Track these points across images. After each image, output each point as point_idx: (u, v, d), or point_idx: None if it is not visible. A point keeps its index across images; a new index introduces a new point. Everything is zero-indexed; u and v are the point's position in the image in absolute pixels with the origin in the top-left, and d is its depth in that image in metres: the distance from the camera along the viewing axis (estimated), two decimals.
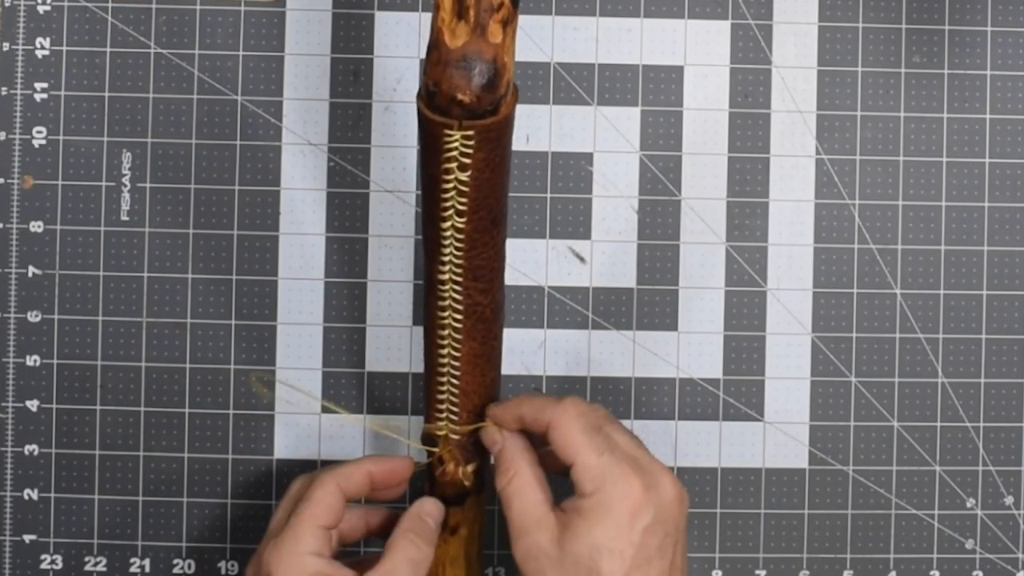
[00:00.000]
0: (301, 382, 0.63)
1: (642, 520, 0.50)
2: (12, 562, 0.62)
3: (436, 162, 0.49)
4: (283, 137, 0.63)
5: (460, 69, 0.47)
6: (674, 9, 0.64)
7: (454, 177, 0.49)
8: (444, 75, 0.47)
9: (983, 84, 0.64)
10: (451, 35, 0.47)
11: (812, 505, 0.63)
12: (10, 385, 0.63)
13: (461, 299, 0.52)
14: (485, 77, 0.47)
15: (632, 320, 0.63)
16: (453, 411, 0.55)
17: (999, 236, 0.64)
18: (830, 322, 0.64)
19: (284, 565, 0.51)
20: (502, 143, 0.49)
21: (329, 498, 0.53)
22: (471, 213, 0.50)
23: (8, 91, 0.63)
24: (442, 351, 0.54)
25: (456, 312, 0.53)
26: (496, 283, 0.53)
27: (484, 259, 0.52)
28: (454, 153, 0.49)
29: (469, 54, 0.47)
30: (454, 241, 0.51)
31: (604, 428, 0.52)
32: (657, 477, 0.52)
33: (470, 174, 0.49)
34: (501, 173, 0.50)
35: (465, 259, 0.51)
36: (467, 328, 0.53)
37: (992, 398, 0.64)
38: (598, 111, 0.64)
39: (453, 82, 0.47)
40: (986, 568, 0.64)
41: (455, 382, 0.54)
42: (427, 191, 0.50)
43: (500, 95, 0.47)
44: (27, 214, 0.63)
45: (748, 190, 0.64)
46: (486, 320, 0.53)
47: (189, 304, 0.63)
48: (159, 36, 0.63)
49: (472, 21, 0.46)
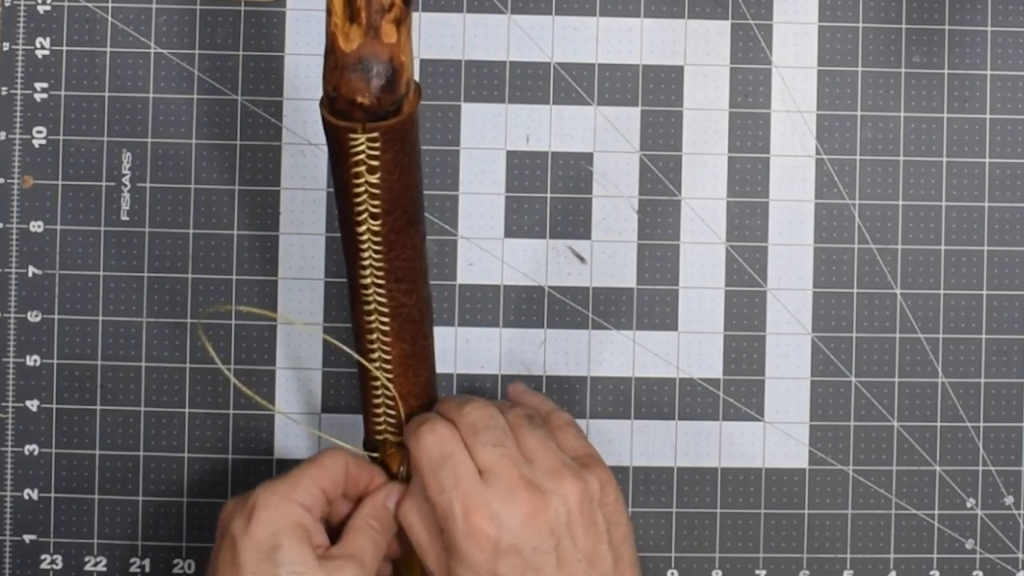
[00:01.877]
0: (301, 382, 0.63)
1: (491, 549, 0.51)
2: (12, 562, 0.62)
3: (345, 167, 0.49)
4: (283, 137, 0.63)
5: (357, 72, 0.47)
6: (674, 9, 0.64)
7: (364, 180, 0.49)
8: (342, 79, 0.47)
9: (983, 84, 0.64)
10: (345, 39, 0.47)
11: (812, 505, 0.63)
12: (10, 385, 0.63)
13: (386, 301, 0.52)
14: (383, 78, 0.47)
15: (632, 320, 0.63)
16: (390, 414, 0.55)
17: (999, 236, 0.64)
18: (830, 322, 0.64)
19: (271, 505, 0.51)
20: (408, 142, 0.49)
21: (335, 466, 0.53)
22: (385, 215, 0.50)
23: (8, 91, 0.63)
24: (372, 355, 0.54)
25: (382, 315, 0.52)
26: (419, 282, 0.53)
27: (404, 260, 0.52)
28: (361, 156, 0.48)
29: (365, 56, 0.47)
30: (372, 244, 0.51)
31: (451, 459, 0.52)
32: (506, 500, 0.51)
33: (380, 176, 0.49)
34: (411, 172, 0.50)
35: (385, 261, 0.51)
36: (395, 330, 0.53)
37: (992, 398, 0.64)
38: (598, 111, 0.64)
39: (352, 85, 0.47)
40: (986, 568, 0.64)
41: (389, 385, 0.54)
42: (340, 196, 0.50)
43: (401, 94, 0.47)
44: (27, 214, 0.63)
45: (748, 190, 0.64)
46: (413, 320, 0.53)
47: (189, 304, 0.63)
48: (159, 36, 0.63)
49: (364, 23, 0.46)
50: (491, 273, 0.63)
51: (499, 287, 0.63)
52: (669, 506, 0.63)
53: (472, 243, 0.63)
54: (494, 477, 0.52)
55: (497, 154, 0.63)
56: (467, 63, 0.63)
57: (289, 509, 0.51)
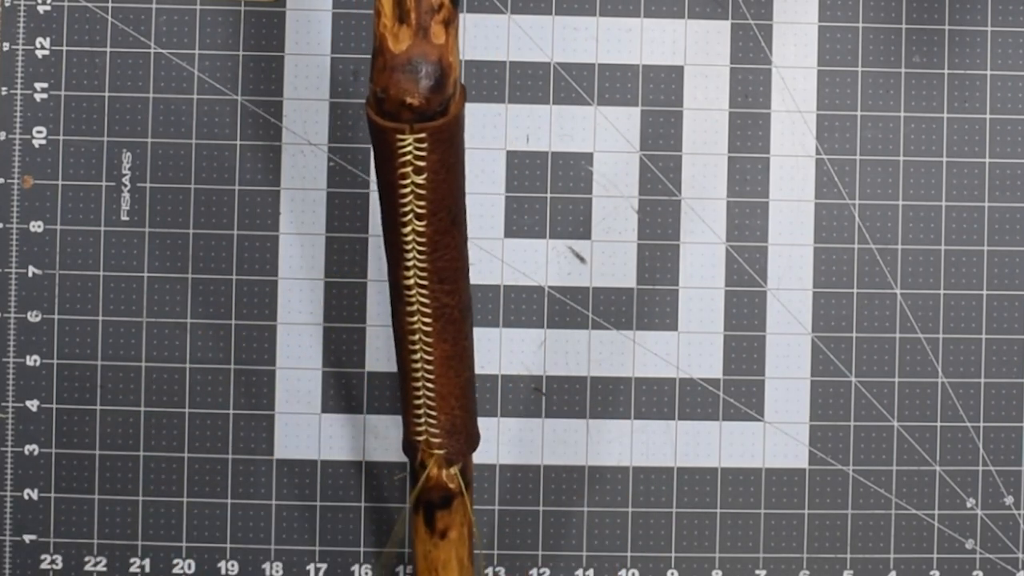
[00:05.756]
0: (301, 382, 0.63)
1: None
2: (12, 562, 0.62)
3: (391, 168, 0.49)
4: (283, 137, 0.63)
5: (407, 73, 0.47)
6: (674, 9, 0.64)
7: (410, 181, 0.49)
8: (391, 80, 0.47)
9: (983, 84, 0.64)
10: (394, 40, 0.47)
11: (812, 505, 0.63)
12: (10, 385, 0.63)
13: (428, 302, 0.52)
14: (432, 79, 0.47)
15: (632, 320, 0.63)
16: (431, 415, 0.55)
17: (999, 236, 0.64)
18: (830, 322, 0.64)
19: None
20: (455, 143, 0.50)
21: None
22: (430, 216, 0.50)
23: (8, 91, 0.63)
24: (414, 356, 0.54)
25: (425, 316, 0.53)
26: (461, 283, 0.53)
27: (447, 260, 0.52)
28: (408, 157, 0.49)
29: (414, 57, 0.47)
30: (416, 245, 0.51)
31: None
32: None
33: (426, 177, 0.49)
34: (456, 173, 0.50)
35: (428, 262, 0.51)
36: (437, 331, 0.53)
37: (992, 398, 0.64)
38: (598, 111, 0.64)
39: (401, 86, 0.47)
40: (986, 568, 0.64)
41: (430, 386, 0.54)
42: (385, 197, 0.51)
43: (448, 95, 0.48)
44: (27, 214, 0.63)
45: (748, 190, 0.64)
46: (455, 321, 0.53)
47: (189, 304, 0.63)
48: (159, 36, 0.63)
49: (414, 24, 0.47)
50: (491, 273, 0.63)
51: (499, 287, 0.63)
52: (669, 506, 0.63)
53: (472, 243, 0.63)
54: None
55: (497, 154, 0.63)
56: (467, 63, 0.63)
57: None
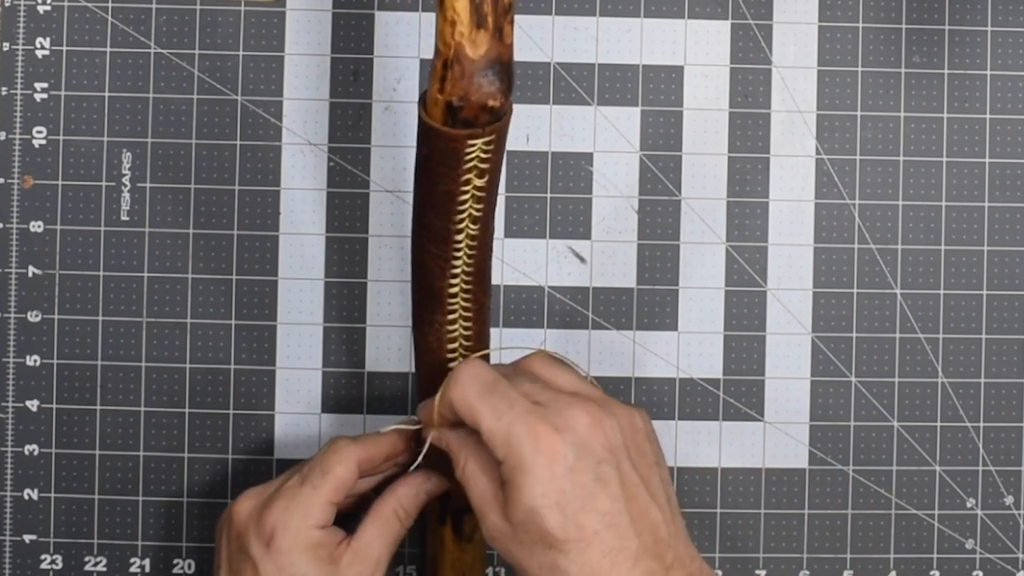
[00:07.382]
0: (301, 382, 0.63)
1: (562, 464, 0.49)
2: (12, 562, 0.62)
3: (454, 176, 0.49)
4: (283, 137, 0.63)
5: (487, 77, 0.47)
6: (674, 9, 0.64)
7: (472, 185, 0.49)
8: (472, 86, 0.46)
9: (983, 84, 0.64)
10: (472, 46, 0.46)
11: (812, 505, 0.63)
12: (10, 385, 0.63)
13: (470, 306, 0.52)
14: (507, 79, 0.47)
15: (632, 320, 0.63)
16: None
17: (999, 236, 0.64)
18: (830, 322, 0.64)
19: (290, 533, 0.53)
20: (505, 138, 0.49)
21: (346, 475, 0.54)
22: (485, 217, 0.50)
23: (8, 91, 0.63)
24: (453, 363, 0.53)
25: (465, 321, 0.52)
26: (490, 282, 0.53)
27: (487, 260, 0.52)
28: (474, 161, 0.48)
29: (492, 60, 0.47)
30: (467, 250, 0.50)
31: (499, 385, 0.51)
32: (565, 415, 0.50)
33: (486, 179, 0.49)
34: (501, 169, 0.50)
35: (475, 264, 0.51)
36: (476, 333, 0.53)
37: (992, 398, 0.64)
38: (598, 111, 0.64)
39: (483, 91, 0.47)
40: (986, 568, 0.64)
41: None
42: (439, 207, 0.50)
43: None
44: (27, 214, 0.63)
45: (748, 190, 0.64)
46: (487, 320, 0.54)
47: (189, 304, 0.63)
48: (159, 36, 0.63)
49: (491, 27, 0.46)
50: None
51: (499, 287, 0.63)
52: None
53: None
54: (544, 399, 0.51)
55: None
56: None
57: (308, 535, 0.53)
